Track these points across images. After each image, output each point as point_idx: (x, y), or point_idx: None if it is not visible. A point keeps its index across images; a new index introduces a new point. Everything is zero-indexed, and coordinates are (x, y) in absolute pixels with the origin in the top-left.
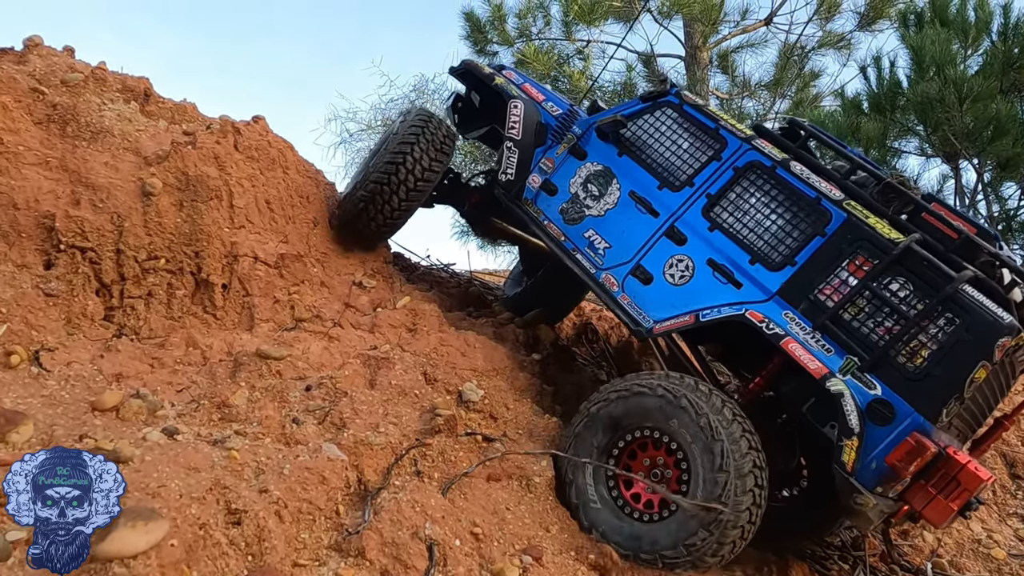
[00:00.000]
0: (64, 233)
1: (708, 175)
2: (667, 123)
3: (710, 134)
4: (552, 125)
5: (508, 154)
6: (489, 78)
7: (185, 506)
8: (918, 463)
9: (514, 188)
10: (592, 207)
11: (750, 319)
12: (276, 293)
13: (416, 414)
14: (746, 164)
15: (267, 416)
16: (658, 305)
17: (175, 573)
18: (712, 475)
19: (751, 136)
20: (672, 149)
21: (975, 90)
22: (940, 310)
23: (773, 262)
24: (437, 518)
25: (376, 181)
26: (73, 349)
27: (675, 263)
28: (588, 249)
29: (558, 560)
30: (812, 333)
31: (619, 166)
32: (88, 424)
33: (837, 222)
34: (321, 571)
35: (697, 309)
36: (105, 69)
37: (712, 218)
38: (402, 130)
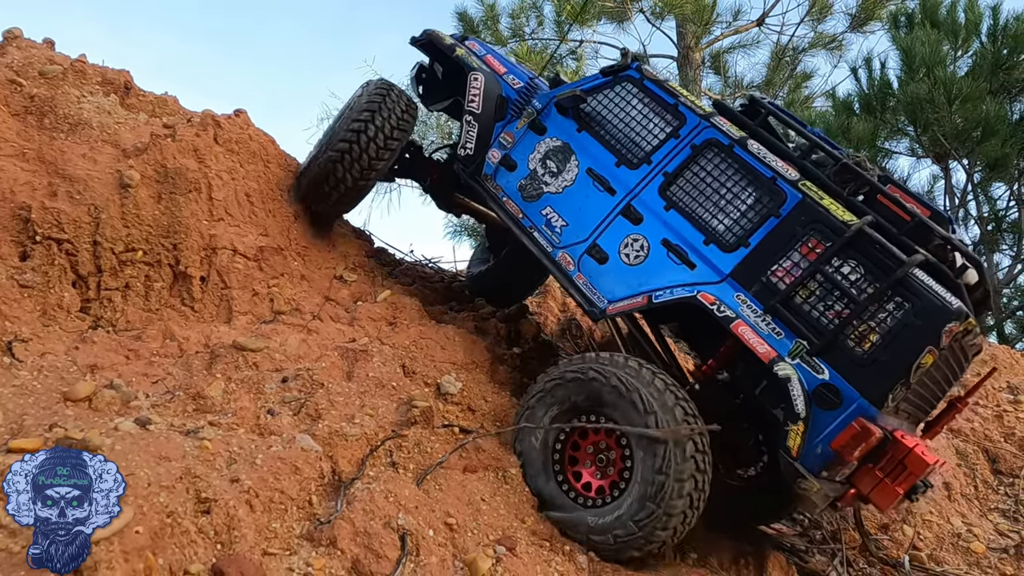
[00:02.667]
0: (40, 224)
1: (666, 153)
2: (627, 98)
3: (669, 110)
4: (513, 98)
5: (467, 128)
6: (450, 49)
7: (153, 494)
8: (863, 448)
9: (473, 163)
10: (550, 184)
11: (701, 301)
12: (255, 286)
13: (393, 406)
14: (704, 142)
15: (242, 407)
16: (613, 285)
17: (139, 559)
18: (652, 476)
19: (710, 113)
20: (631, 125)
21: (964, 91)
22: (890, 294)
23: (727, 243)
24: (410, 508)
25: (337, 150)
26: (48, 340)
27: (630, 243)
28: (545, 227)
29: (532, 551)
30: (763, 316)
31: (578, 142)
32: (59, 414)
33: (792, 203)
34: (292, 560)
35: (650, 290)
36: (85, 62)
37: (668, 197)
38: (363, 100)
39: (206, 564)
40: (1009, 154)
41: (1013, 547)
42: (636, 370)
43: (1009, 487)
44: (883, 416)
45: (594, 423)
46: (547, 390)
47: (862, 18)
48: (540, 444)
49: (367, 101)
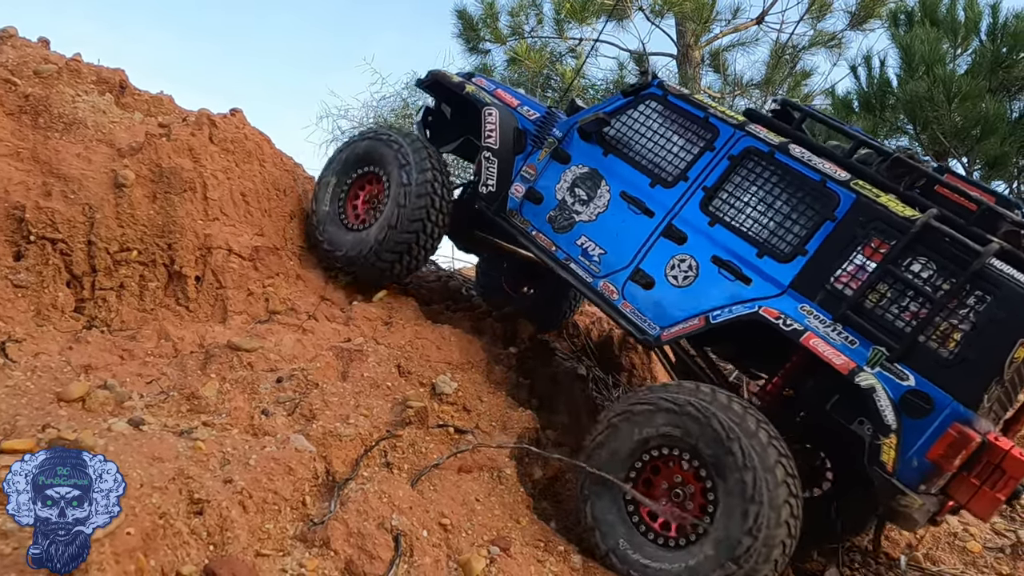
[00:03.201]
0: (34, 224)
1: (702, 167)
2: (653, 116)
3: (700, 124)
4: (530, 130)
5: (487, 164)
6: (459, 87)
7: (145, 495)
8: (963, 455)
9: (496, 200)
10: (582, 212)
11: (765, 316)
12: (250, 285)
13: (388, 406)
14: (742, 151)
15: (236, 408)
16: (663, 310)
17: (130, 561)
18: (743, 505)
19: (743, 122)
20: (661, 143)
21: (964, 89)
22: (969, 288)
23: (782, 253)
24: (404, 509)
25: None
26: (42, 340)
27: (677, 264)
28: (582, 257)
29: (526, 551)
30: (833, 325)
31: (606, 166)
32: (52, 414)
33: (846, 204)
34: (285, 561)
35: (706, 311)
36: (80, 61)
37: (712, 212)
38: (415, 171)
39: (198, 565)
40: (1008, 152)
41: (1009, 546)
42: (740, 416)
43: None
44: (978, 418)
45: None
46: (633, 413)
47: (862, 16)
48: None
49: (420, 172)
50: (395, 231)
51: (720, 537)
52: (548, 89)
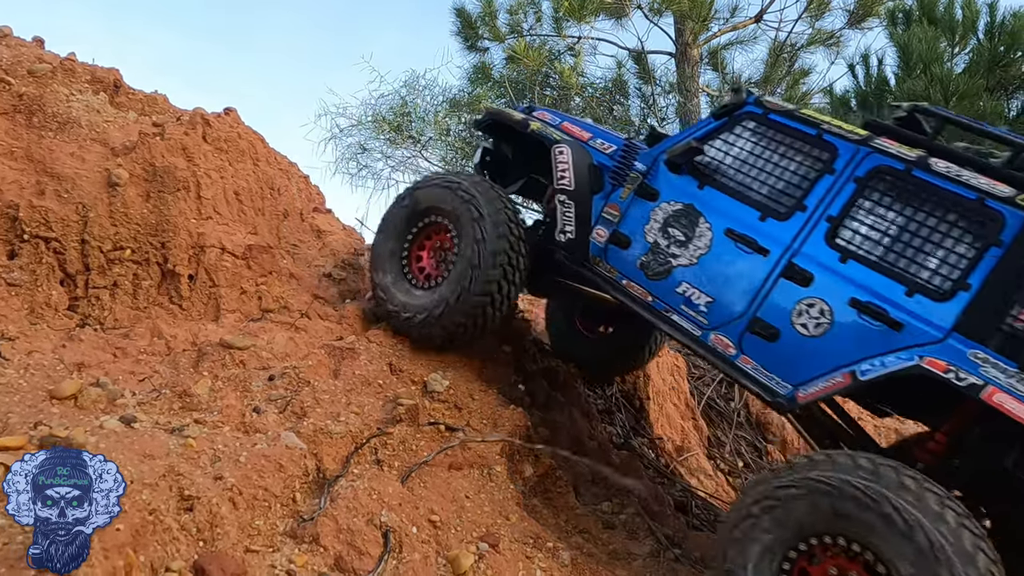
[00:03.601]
0: (28, 223)
1: (822, 194)
2: (753, 139)
3: (812, 142)
4: (608, 165)
5: (563, 208)
6: (522, 125)
7: (136, 492)
8: None
9: (577, 247)
10: (680, 255)
11: (929, 369)
12: (243, 284)
13: (379, 404)
14: (870, 171)
15: (228, 405)
16: (794, 365)
17: (119, 556)
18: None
19: (867, 136)
20: (768, 169)
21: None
22: None
23: (939, 290)
24: (394, 506)
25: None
26: (35, 339)
27: (804, 309)
28: (686, 307)
29: (515, 548)
30: (1019, 376)
31: (704, 201)
32: (45, 412)
33: (1015, 225)
34: (274, 557)
35: (850, 364)
36: (74, 60)
37: (841, 246)
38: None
39: (188, 561)
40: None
41: None
42: (918, 495)
43: None
44: None
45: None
46: (777, 500)
47: (860, 14)
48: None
49: (495, 225)
50: (469, 292)
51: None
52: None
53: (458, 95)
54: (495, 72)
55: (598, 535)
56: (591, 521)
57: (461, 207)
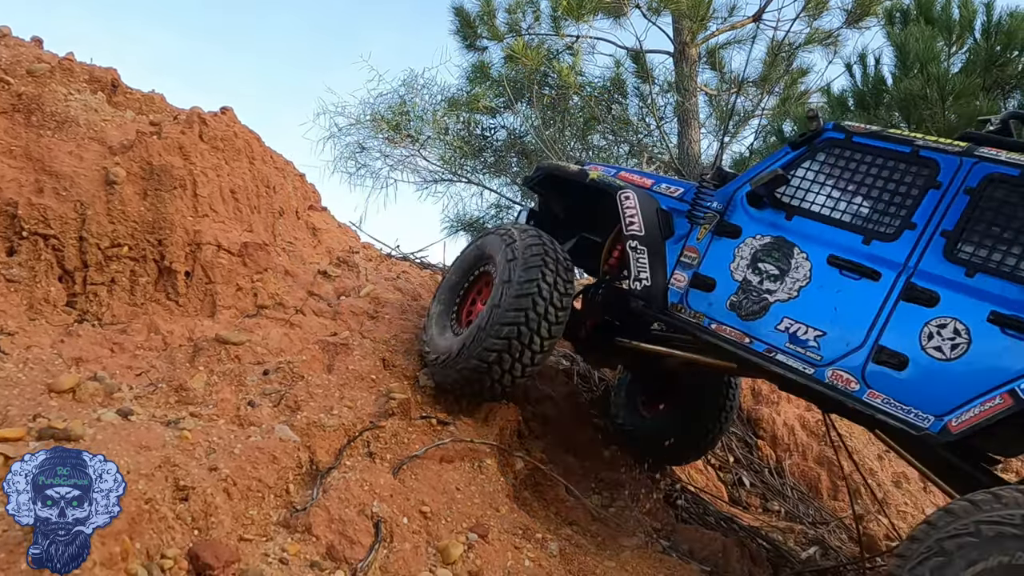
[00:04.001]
0: (27, 220)
1: (931, 209)
2: (840, 163)
3: (908, 160)
4: (678, 208)
5: (635, 255)
6: (581, 175)
7: (132, 482)
8: None
9: (655, 294)
10: (776, 290)
11: None
12: (239, 281)
13: (372, 398)
14: (982, 181)
15: (223, 399)
16: (934, 393)
17: (116, 543)
18: None
19: (969, 147)
20: (863, 191)
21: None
22: None
23: None
24: (386, 497)
25: (504, 336)
26: (34, 334)
27: (935, 331)
28: (792, 344)
29: (504, 538)
30: None
31: (795, 231)
32: (43, 405)
33: None
34: (268, 546)
35: (1008, 383)
36: (72, 60)
37: (965, 260)
38: (520, 266)
39: (183, 549)
40: None
41: None
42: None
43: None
44: None
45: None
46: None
47: (858, 14)
48: None
49: (526, 269)
50: (483, 333)
51: None
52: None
53: (457, 94)
54: (493, 71)
55: (587, 527)
56: (580, 513)
57: (499, 246)
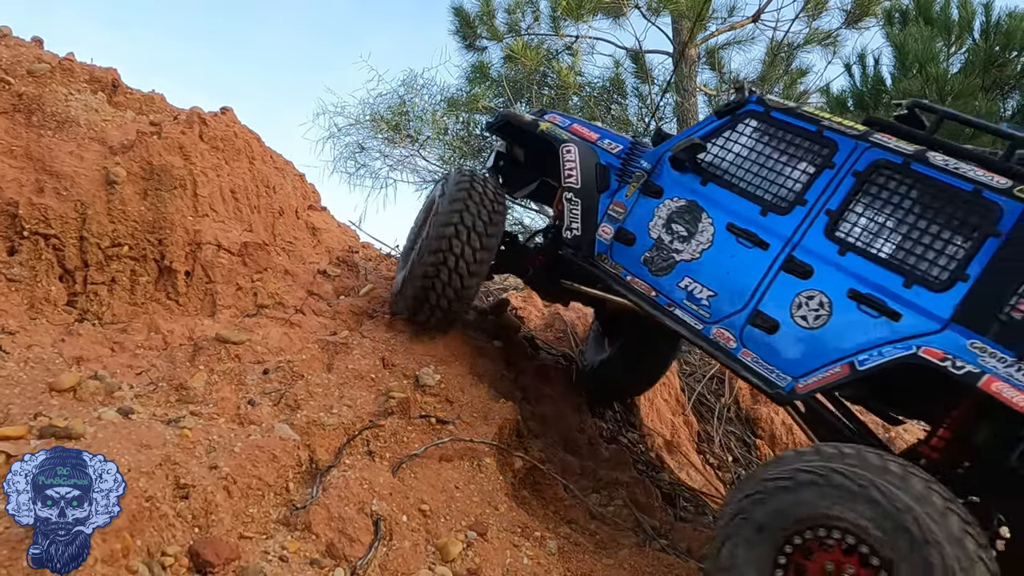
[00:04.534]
0: (27, 220)
1: (822, 188)
2: (755, 136)
3: (812, 139)
4: (614, 165)
5: (569, 206)
6: (532, 126)
7: (133, 480)
8: None
9: (583, 244)
10: (683, 251)
11: (927, 358)
12: (239, 280)
13: (371, 397)
14: (869, 166)
15: (223, 398)
16: (793, 357)
17: (117, 541)
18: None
19: (866, 132)
20: (769, 165)
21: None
22: None
23: (937, 281)
24: (385, 495)
25: (431, 264)
26: (35, 333)
27: (804, 302)
28: (688, 302)
29: (503, 536)
30: (1018, 364)
31: (706, 197)
32: (44, 404)
33: (1012, 215)
34: (268, 544)
35: (849, 355)
36: (73, 60)
37: (840, 239)
38: (446, 202)
39: (183, 546)
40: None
41: None
42: (903, 478)
43: None
44: None
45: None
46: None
47: (857, 14)
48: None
49: (451, 202)
50: (417, 265)
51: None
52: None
53: (456, 94)
54: (493, 71)
55: (585, 525)
56: (579, 512)
57: (438, 190)
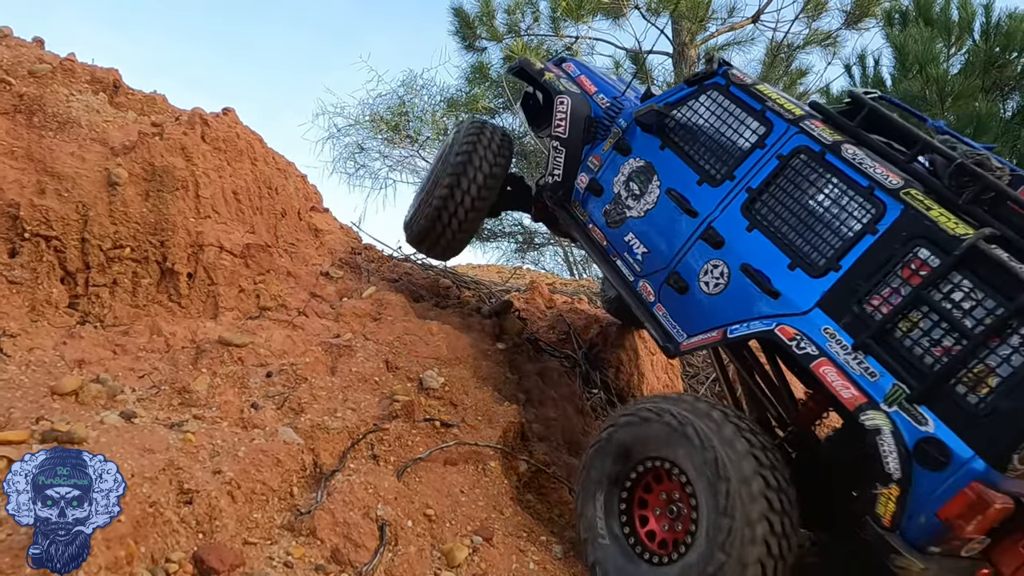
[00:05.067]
0: (29, 222)
1: (750, 166)
2: (712, 108)
3: (755, 117)
4: (602, 119)
5: (554, 154)
6: (539, 74)
7: (136, 485)
8: (980, 521)
9: (560, 190)
10: (633, 208)
11: (779, 336)
12: (241, 282)
13: (375, 400)
14: (792, 150)
15: (226, 401)
16: (691, 318)
17: (120, 547)
18: (718, 519)
19: (800, 117)
20: (714, 138)
21: (957, 89)
22: (1015, 327)
23: (816, 267)
24: (390, 500)
25: (440, 196)
26: (36, 336)
27: (710, 269)
28: (627, 255)
29: (508, 541)
30: (853, 353)
31: (660, 161)
32: (46, 407)
33: (892, 216)
34: (272, 549)
35: (726, 323)
36: (74, 60)
37: (752, 216)
38: (457, 144)
39: (187, 552)
40: (1001, 152)
41: None
42: (719, 423)
43: None
44: (1007, 479)
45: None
46: (602, 440)
47: (857, 15)
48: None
49: (462, 144)
50: (429, 198)
51: (698, 554)
52: None
53: (456, 95)
54: (493, 72)
55: None
56: None
57: (451, 134)
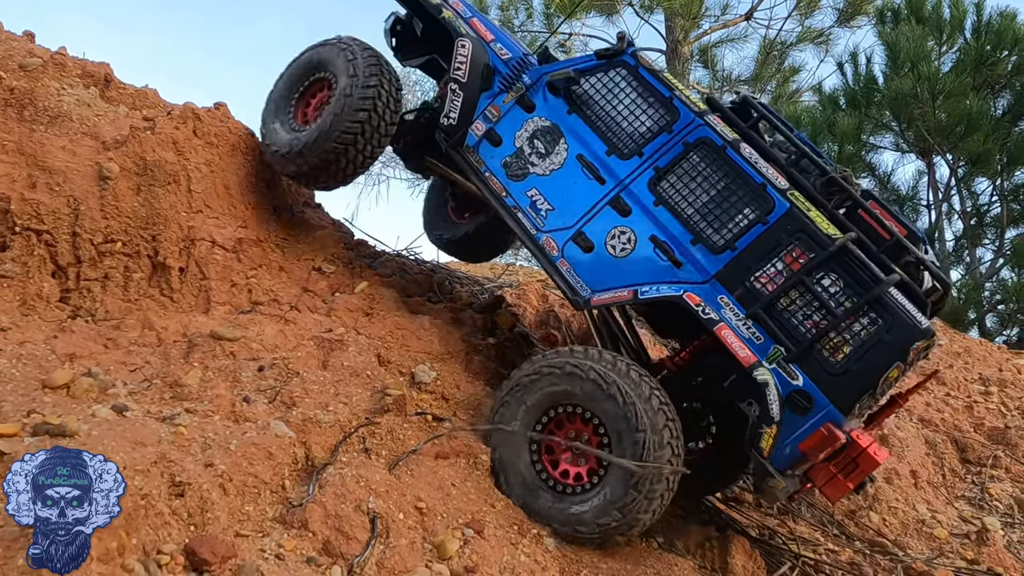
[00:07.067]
0: (19, 216)
1: (658, 146)
2: (620, 85)
3: (663, 103)
4: (500, 70)
5: (452, 97)
6: (436, 9)
7: (128, 478)
8: (827, 451)
9: (456, 133)
10: (537, 165)
11: (687, 301)
12: (233, 277)
13: (367, 394)
14: (696, 140)
15: (218, 395)
16: (597, 276)
17: (112, 539)
18: (631, 435)
19: (704, 111)
20: (624, 114)
21: (948, 86)
22: (866, 310)
23: (715, 245)
24: (381, 492)
25: (349, 133)
26: (27, 330)
27: (617, 235)
28: (530, 209)
29: (500, 534)
30: (745, 320)
31: (568, 125)
32: (38, 401)
33: (779, 211)
34: (264, 542)
35: (636, 285)
36: (65, 54)
37: (658, 192)
38: (359, 82)
39: (179, 544)
40: (991, 149)
41: (975, 533)
42: (624, 371)
43: (976, 476)
44: (847, 421)
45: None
46: (523, 384)
47: (849, 13)
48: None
49: (364, 87)
50: (325, 135)
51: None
52: None
53: None
54: None
55: None
56: None
57: (342, 63)
